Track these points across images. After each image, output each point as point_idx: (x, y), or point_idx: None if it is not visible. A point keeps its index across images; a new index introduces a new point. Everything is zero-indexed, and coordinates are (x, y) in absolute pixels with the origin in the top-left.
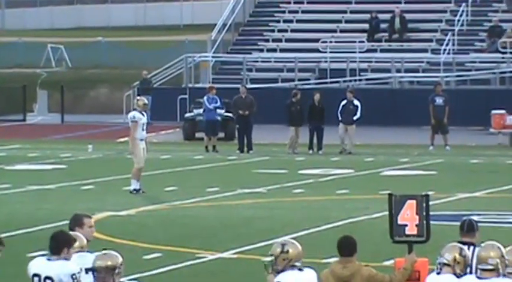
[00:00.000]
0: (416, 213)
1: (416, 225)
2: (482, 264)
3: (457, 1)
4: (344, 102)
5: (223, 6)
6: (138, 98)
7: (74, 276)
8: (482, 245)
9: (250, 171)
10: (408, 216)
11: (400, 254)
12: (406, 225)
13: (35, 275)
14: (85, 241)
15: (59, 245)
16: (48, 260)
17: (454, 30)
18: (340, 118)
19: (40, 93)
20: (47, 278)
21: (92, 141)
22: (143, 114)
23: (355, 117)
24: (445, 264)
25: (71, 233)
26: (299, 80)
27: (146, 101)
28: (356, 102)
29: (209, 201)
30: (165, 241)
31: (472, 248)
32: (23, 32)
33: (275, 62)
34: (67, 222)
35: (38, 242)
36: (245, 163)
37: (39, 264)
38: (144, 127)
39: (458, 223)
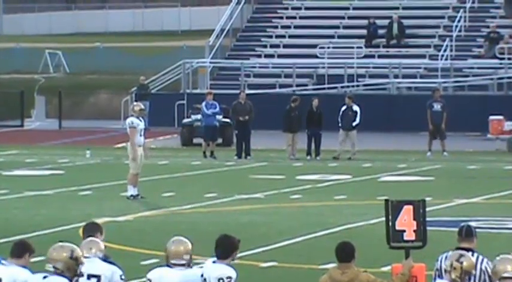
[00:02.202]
0: (414, 219)
1: (414, 231)
2: (507, 273)
3: (455, 7)
4: (344, 108)
5: (221, 12)
6: (135, 103)
7: (220, 280)
8: (498, 258)
9: (247, 177)
10: (406, 222)
11: (398, 260)
12: (404, 230)
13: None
14: (103, 247)
15: (227, 250)
16: (213, 262)
17: (452, 36)
18: (340, 124)
19: (38, 98)
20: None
21: (90, 147)
22: (141, 120)
23: (354, 123)
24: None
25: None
26: (297, 85)
27: (143, 107)
28: (355, 107)
29: (207, 207)
30: (163, 247)
31: (470, 253)
32: (21, 38)
33: (273, 67)
34: (65, 227)
35: (36, 248)
36: (243, 169)
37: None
38: (142, 133)
39: (456, 229)
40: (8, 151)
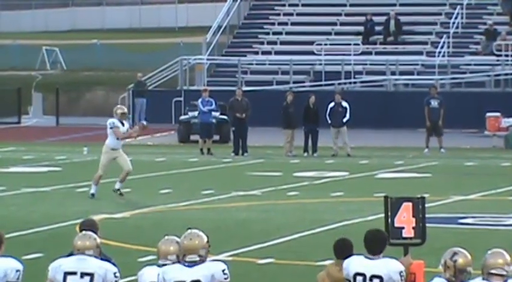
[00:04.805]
0: (413, 216)
1: (413, 228)
2: (496, 270)
3: (452, 4)
4: (332, 104)
5: (218, 9)
6: (118, 106)
7: (401, 274)
8: (489, 252)
9: (244, 174)
10: (405, 219)
11: (396, 256)
12: (403, 227)
13: (358, 274)
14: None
15: (383, 243)
16: (370, 259)
17: (449, 32)
18: (329, 121)
19: (35, 95)
20: (374, 276)
21: (87, 144)
22: (123, 124)
23: (344, 119)
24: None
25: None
26: (294, 82)
27: (125, 110)
28: (344, 103)
29: (204, 204)
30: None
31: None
32: (18, 35)
33: (270, 64)
34: (62, 224)
35: (33, 245)
36: (240, 166)
37: (360, 264)
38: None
39: (453, 225)
40: (5, 148)
